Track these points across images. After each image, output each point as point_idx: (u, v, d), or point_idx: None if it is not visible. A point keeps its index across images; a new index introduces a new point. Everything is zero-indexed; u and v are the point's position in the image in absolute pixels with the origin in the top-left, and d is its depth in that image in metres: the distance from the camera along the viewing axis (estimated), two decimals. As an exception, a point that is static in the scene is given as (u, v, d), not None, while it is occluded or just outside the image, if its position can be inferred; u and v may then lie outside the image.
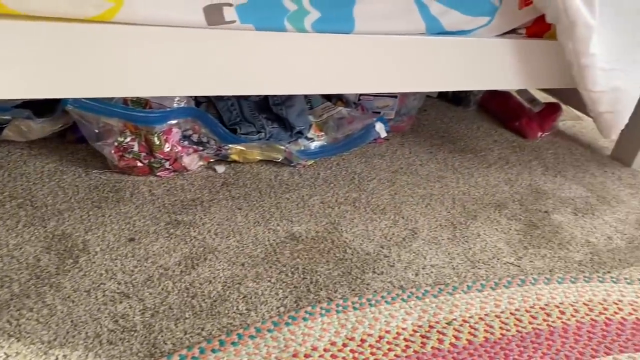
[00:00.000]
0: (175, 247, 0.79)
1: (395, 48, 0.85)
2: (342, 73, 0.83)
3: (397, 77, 0.87)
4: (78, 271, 0.72)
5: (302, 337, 0.67)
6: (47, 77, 0.67)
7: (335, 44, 0.80)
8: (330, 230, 0.89)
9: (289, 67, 0.78)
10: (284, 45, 0.76)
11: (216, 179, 0.99)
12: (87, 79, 0.69)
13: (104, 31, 0.67)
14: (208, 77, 0.74)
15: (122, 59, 0.69)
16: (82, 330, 0.63)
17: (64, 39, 0.65)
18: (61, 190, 0.88)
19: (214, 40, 0.72)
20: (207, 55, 0.73)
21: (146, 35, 0.69)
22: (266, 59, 0.76)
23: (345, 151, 1.11)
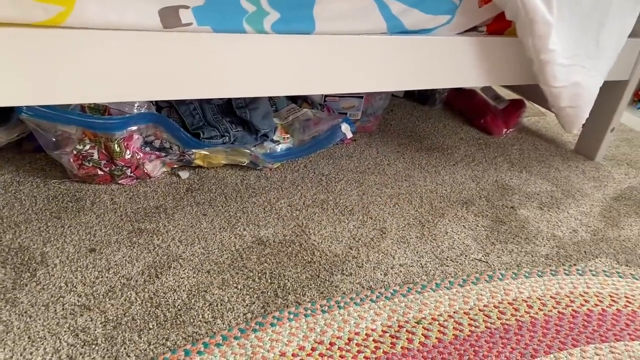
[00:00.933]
0: (138, 256, 0.77)
1: (357, 48, 0.84)
2: (305, 74, 0.82)
3: (360, 77, 0.87)
4: (36, 285, 0.69)
5: (270, 342, 0.65)
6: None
7: (296, 45, 0.79)
8: (298, 233, 0.88)
9: (250, 69, 0.77)
10: (243, 47, 0.75)
11: (180, 185, 0.97)
12: (40, 85, 0.67)
13: (54, 36, 0.64)
14: (166, 81, 0.72)
15: (76, 65, 0.67)
16: (39, 347, 0.61)
17: (12, 45, 0.63)
18: (18, 201, 0.85)
19: (171, 43, 0.70)
20: (164, 58, 0.71)
21: (100, 40, 0.66)
22: (226, 62, 0.75)
23: (312, 153, 1.11)
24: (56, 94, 0.68)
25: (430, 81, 0.96)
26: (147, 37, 0.68)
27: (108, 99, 0.71)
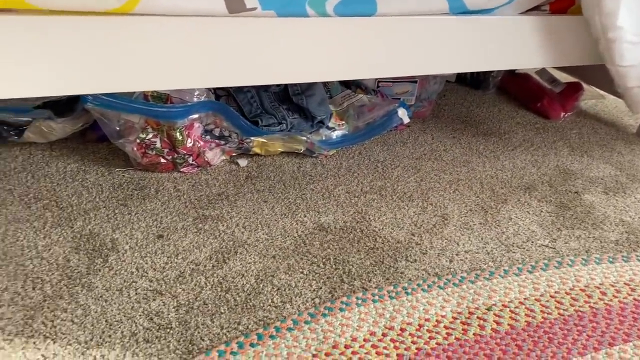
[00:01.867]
0: (204, 242, 0.78)
1: (418, 29, 0.82)
2: (365, 57, 0.81)
3: (420, 59, 0.85)
4: (108, 270, 0.71)
5: (341, 327, 0.65)
6: (68, 73, 0.66)
7: (357, 28, 0.78)
8: (359, 220, 0.87)
9: (312, 54, 0.76)
10: (305, 31, 0.74)
11: (239, 172, 0.98)
12: (107, 74, 0.68)
13: (123, 23, 0.65)
14: (230, 67, 0.72)
15: (142, 52, 0.68)
16: (117, 330, 0.62)
17: (83, 33, 0.64)
18: (85, 190, 0.87)
19: (235, 28, 0.70)
20: (228, 44, 0.71)
21: (166, 26, 0.67)
22: (288, 46, 0.74)
23: (367, 139, 1.09)
24: (124, 81, 0.69)
25: (492, 62, 0.94)
26: (213, 22, 0.68)
27: (173, 85, 0.71)
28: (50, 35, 0.63)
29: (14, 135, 0.93)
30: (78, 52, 0.65)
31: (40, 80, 0.65)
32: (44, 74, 0.65)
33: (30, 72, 0.64)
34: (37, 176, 0.89)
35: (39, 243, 0.74)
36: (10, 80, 0.64)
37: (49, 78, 0.66)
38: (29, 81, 0.65)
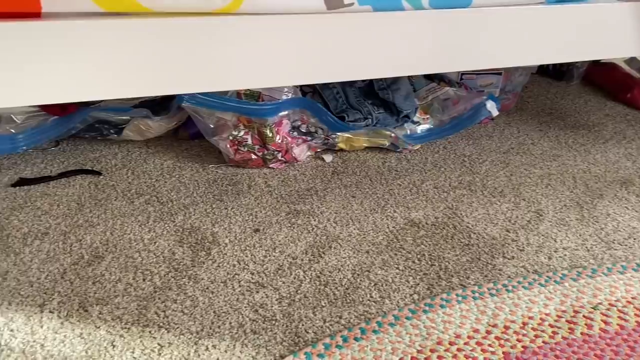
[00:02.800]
0: (299, 236, 0.79)
1: (514, 19, 0.80)
2: (459, 49, 0.79)
3: (515, 50, 0.83)
4: (212, 263, 0.73)
5: (443, 324, 0.65)
6: (169, 73, 0.69)
7: (452, 19, 0.77)
8: (450, 216, 0.86)
9: (407, 47, 0.76)
10: (401, 25, 0.74)
11: (326, 168, 0.99)
12: (206, 73, 0.70)
13: (226, 23, 0.67)
14: (327, 63, 0.73)
15: (242, 51, 0.69)
16: (225, 321, 0.64)
17: (187, 34, 0.66)
18: (182, 185, 0.91)
19: (333, 24, 0.70)
20: (325, 41, 0.71)
21: (266, 25, 0.68)
22: (384, 41, 0.74)
23: (453, 133, 1.08)
24: (223, 80, 0.71)
25: (587, 52, 0.90)
26: (311, 19, 0.69)
27: (273, 83, 0.73)
28: (156, 36, 0.65)
29: (114, 134, 0.98)
30: (181, 52, 0.67)
31: (144, 81, 0.68)
32: (147, 74, 0.68)
33: (135, 73, 0.67)
34: (137, 172, 0.94)
35: (145, 236, 0.78)
36: (117, 81, 0.67)
37: (152, 78, 0.68)
38: (134, 81, 0.68)
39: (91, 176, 0.92)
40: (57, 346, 0.59)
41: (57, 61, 0.63)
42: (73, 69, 0.64)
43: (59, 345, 0.60)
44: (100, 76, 0.65)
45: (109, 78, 0.66)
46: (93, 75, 0.65)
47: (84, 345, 0.60)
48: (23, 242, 0.75)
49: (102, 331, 0.62)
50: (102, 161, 0.96)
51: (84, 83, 0.65)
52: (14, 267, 0.71)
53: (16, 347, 0.59)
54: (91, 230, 0.78)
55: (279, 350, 0.60)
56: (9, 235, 0.77)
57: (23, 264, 0.71)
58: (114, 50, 0.64)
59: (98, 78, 0.65)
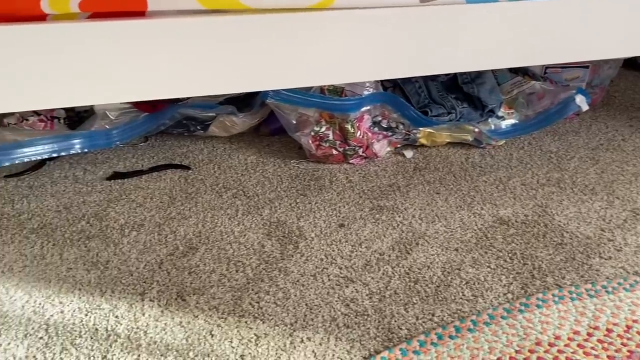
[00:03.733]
0: (384, 232, 0.79)
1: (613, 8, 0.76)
2: (554, 40, 0.76)
3: (613, 39, 0.79)
4: (300, 256, 0.74)
5: (541, 325, 0.63)
6: (260, 69, 0.70)
7: (549, 9, 0.74)
8: (540, 214, 0.83)
9: (499, 39, 0.74)
10: (494, 16, 0.72)
11: (406, 163, 0.98)
12: (294, 69, 0.71)
13: (320, 18, 0.67)
14: (419, 57, 0.72)
15: (334, 46, 0.70)
16: (317, 314, 0.65)
17: (282, 30, 0.67)
18: (266, 180, 0.92)
19: (426, 17, 0.69)
20: (418, 34, 0.70)
21: (360, 19, 0.68)
22: (476, 33, 0.72)
23: (539, 129, 1.04)
24: (312, 75, 0.72)
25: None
26: (405, 12, 0.68)
27: (363, 77, 0.73)
28: (252, 33, 0.66)
29: (200, 130, 1.01)
30: (274, 48, 0.68)
31: (237, 77, 0.70)
32: (240, 71, 0.69)
33: (229, 70, 0.69)
34: (223, 167, 0.96)
35: (235, 229, 0.80)
36: (213, 77, 0.69)
37: (244, 74, 0.70)
38: (227, 78, 0.69)
39: (180, 170, 0.95)
40: (159, 334, 0.62)
41: (156, 58, 0.65)
42: (172, 66, 0.66)
43: (160, 332, 0.62)
44: (197, 73, 0.67)
45: (205, 74, 0.68)
46: (190, 72, 0.67)
47: (184, 333, 0.62)
48: (121, 232, 0.79)
49: (200, 320, 0.64)
50: (189, 156, 0.99)
51: (182, 80, 0.67)
52: (114, 256, 0.74)
53: (122, 333, 0.62)
54: (184, 223, 0.81)
55: (373, 346, 0.60)
56: (108, 226, 0.80)
57: (122, 253, 0.75)
58: (211, 47, 0.66)
59: (194, 74, 0.67)
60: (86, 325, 0.63)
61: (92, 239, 0.78)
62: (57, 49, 0.62)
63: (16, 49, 0.57)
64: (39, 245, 0.76)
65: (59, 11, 0.59)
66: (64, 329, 0.62)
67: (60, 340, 0.61)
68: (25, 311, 0.65)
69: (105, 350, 0.59)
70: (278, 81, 0.71)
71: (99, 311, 0.65)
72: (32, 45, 0.58)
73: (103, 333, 0.62)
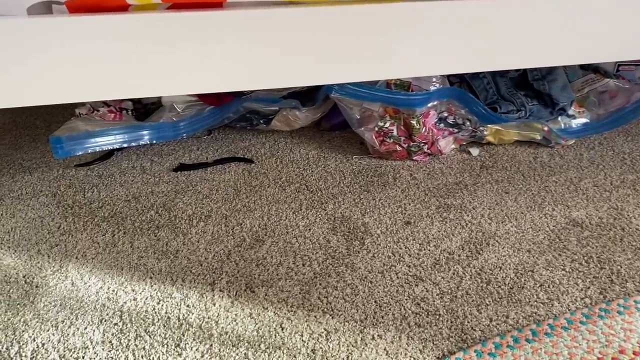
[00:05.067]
0: (452, 231, 0.77)
1: None
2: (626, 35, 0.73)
3: None
4: (366, 253, 0.73)
5: (624, 332, 0.60)
6: (325, 62, 0.69)
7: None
8: (615, 216, 0.79)
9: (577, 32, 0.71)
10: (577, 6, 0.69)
11: (473, 161, 0.96)
12: (362, 62, 0.69)
13: (398, 9, 0.66)
14: (496, 49, 0.70)
15: (403, 38, 0.68)
16: (387, 311, 0.64)
17: (360, 22, 0.66)
18: (329, 175, 0.92)
19: (502, 8, 0.67)
20: (495, 25, 0.68)
21: (438, 10, 0.66)
22: (558, 25, 0.70)
23: (612, 128, 1.00)
24: (379, 69, 0.70)
25: None
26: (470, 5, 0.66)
27: (437, 70, 0.71)
28: (327, 25, 0.65)
29: (263, 124, 1.01)
30: (349, 41, 0.67)
31: (308, 70, 0.69)
32: (311, 64, 0.68)
33: (300, 62, 0.68)
34: (285, 161, 0.96)
35: (300, 223, 0.79)
36: (283, 70, 0.69)
37: (315, 67, 0.69)
38: (298, 70, 0.69)
39: (244, 164, 0.95)
40: (230, 324, 0.62)
41: (231, 50, 0.65)
42: (247, 58, 0.66)
43: (231, 323, 0.62)
44: (271, 65, 0.67)
45: (276, 67, 0.68)
46: (264, 64, 0.67)
47: (255, 325, 0.62)
48: (189, 223, 0.80)
49: (270, 312, 0.64)
50: (252, 150, 1.00)
51: (255, 72, 0.68)
52: (184, 246, 0.75)
53: (194, 323, 0.62)
54: (249, 215, 0.81)
55: (447, 346, 0.59)
56: (176, 216, 0.82)
57: (191, 244, 0.76)
58: (286, 39, 0.65)
59: (268, 67, 0.67)
60: (159, 313, 0.64)
61: (162, 229, 0.79)
62: (138, 39, 0.63)
63: (99, 40, 0.58)
64: (110, 234, 0.78)
65: (141, 2, 0.60)
66: (137, 316, 0.63)
67: (135, 327, 0.62)
68: (99, 297, 0.67)
69: (178, 339, 0.60)
70: (348, 75, 0.70)
71: (170, 300, 0.66)
72: (114, 36, 0.59)
73: (175, 322, 0.63)
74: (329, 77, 0.69)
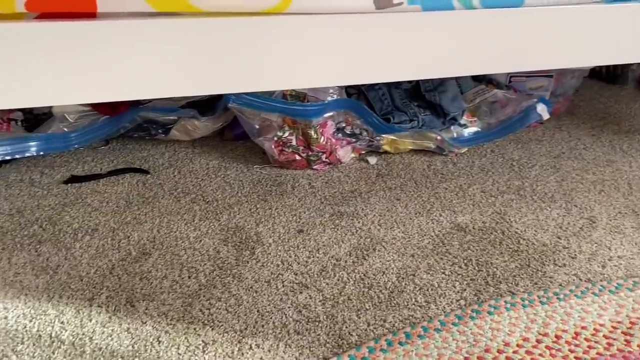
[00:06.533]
0: (342, 238, 0.79)
1: (568, 19, 0.77)
2: (512, 50, 0.77)
3: (571, 50, 0.80)
4: (256, 262, 0.73)
5: (491, 331, 0.63)
6: (217, 73, 0.69)
7: (504, 19, 0.75)
8: (498, 221, 0.84)
9: (457, 48, 0.74)
10: (451, 25, 0.72)
11: (370, 170, 0.98)
12: (253, 73, 0.70)
13: (275, 23, 0.67)
14: (376, 63, 0.72)
15: (289, 51, 0.69)
16: (269, 320, 0.64)
17: (236, 33, 0.67)
18: (227, 185, 0.92)
19: (382, 24, 0.70)
20: (374, 40, 0.71)
21: (315, 25, 0.68)
22: (433, 40, 0.73)
23: (501, 137, 1.05)
24: (269, 80, 0.71)
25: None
26: (360, 19, 0.69)
27: (320, 83, 0.73)
28: (206, 36, 0.66)
29: (162, 133, 1.00)
30: (231, 52, 0.68)
31: (195, 80, 0.69)
32: (196, 74, 0.68)
33: (187, 72, 0.68)
34: (183, 172, 0.95)
35: (191, 234, 0.79)
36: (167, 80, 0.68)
37: (200, 78, 0.69)
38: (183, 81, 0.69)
39: (139, 175, 0.94)
40: (105, 340, 0.60)
41: (109, 60, 0.64)
42: (124, 68, 0.65)
43: (106, 339, 0.61)
44: (151, 75, 0.66)
45: (159, 77, 0.67)
46: (143, 74, 0.66)
47: (131, 339, 0.61)
48: (74, 237, 0.77)
49: (148, 327, 0.62)
50: (149, 160, 0.98)
51: (135, 82, 0.67)
52: (65, 261, 0.73)
53: (66, 340, 0.60)
54: (139, 228, 0.80)
55: (323, 352, 0.60)
56: (61, 230, 0.79)
57: (74, 258, 0.73)
58: (164, 49, 0.65)
59: (148, 77, 0.67)
60: (29, 331, 0.61)
61: (44, 244, 0.76)
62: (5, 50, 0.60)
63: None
64: (-12, 250, 0.75)
65: (4, 10, 0.58)
66: (6, 335, 0.61)
67: (2, 346, 0.59)
68: (-33, 317, 0.63)
69: (48, 357, 0.58)
70: (232, 85, 0.71)
71: (44, 317, 0.63)
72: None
73: (47, 339, 0.60)
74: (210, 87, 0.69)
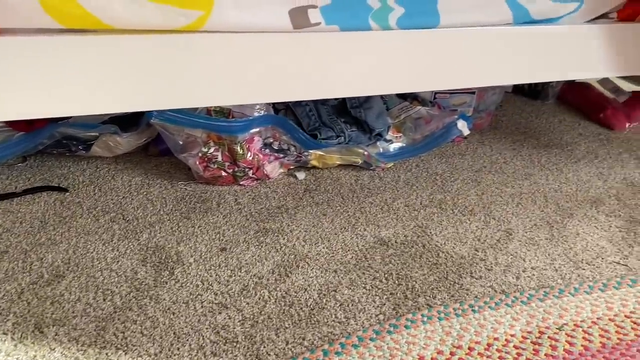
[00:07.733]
0: (266, 255, 0.78)
1: (482, 40, 0.81)
2: (427, 70, 0.80)
3: (483, 70, 0.84)
4: (175, 283, 0.72)
5: (407, 346, 0.64)
6: (136, 90, 0.68)
7: (420, 40, 0.77)
8: (420, 234, 0.86)
9: (375, 67, 0.76)
10: (369, 45, 0.74)
11: (298, 185, 0.98)
12: (173, 90, 0.70)
13: (191, 41, 0.66)
14: (294, 82, 0.73)
15: (208, 68, 0.69)
16: (185, 342, 0.63)
17: (153, 51, 0.66)
18: (150, 202, 0.90)
19: (300, 44, 0.70)
20: (292, 59, 0.71)
21: (232, 43, 0.68)
22: (352, 60, 0.74)
23: (425, 152, 1.08)
24: (189, 97, 0.71)
25: (556, 72, 0.91)
26: (278, 38, 0.69)
27: (239, 100, 0.72)
28: (121, 53, 0.65)
29: (82, 150, 0.96)
30: (147, 69, 0.67)
31: (110, 97, 0.67)
32: (113, 91, 0.67)
33: (101, 89, 0.66)
34: (104, 189, 0.92)
35: (108, 255, 0.76)
36: (83, 97, 0.66)
37: (119, 95, 0.68)
38: (101, 98, 0.67)
39: (57, 193, 0.90)
40: (9, 369, 0.58)
41: (19, 77, 0.62)
42: (36, 85, 0.63)
43: (10, 368, 0.58)
44: (66, 92, 0.64)
45: (75, 94, 0.65)
46: (58, 91, 0.64)
47: (37, 368, 0.58)
48: (-19, 260, 0.74)
49: (56, 353, 0.60)
50: (69, 178, 0.95)
51: (50, 99, 0.64)
52: (-30, 286, 0.69)
53: (-35, 371, 0.57)
54: (53, 249, 0.77)
55: (239, 373, 0.59)
56: (-33, 253, 0.75)
57: (-21, 283, 0.70)
58: (78, 67, 0.63)
59: (64, 94, 0.65)
60: None
61: (-54, 268, 0.72)
62: None
63: None
64: None
65: None
66: None
67: None
68: None
69: (-58, 392, 0.55)
70: (151, 102, 0.69)
71: (-59, 348, 0.60)
72: None
73: (-57, 372, 0.57)
74: (128, 105, 0.68)
